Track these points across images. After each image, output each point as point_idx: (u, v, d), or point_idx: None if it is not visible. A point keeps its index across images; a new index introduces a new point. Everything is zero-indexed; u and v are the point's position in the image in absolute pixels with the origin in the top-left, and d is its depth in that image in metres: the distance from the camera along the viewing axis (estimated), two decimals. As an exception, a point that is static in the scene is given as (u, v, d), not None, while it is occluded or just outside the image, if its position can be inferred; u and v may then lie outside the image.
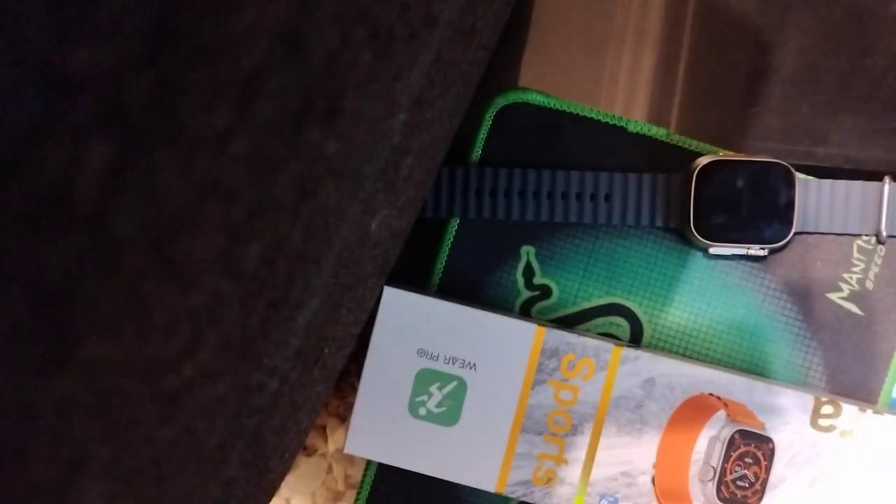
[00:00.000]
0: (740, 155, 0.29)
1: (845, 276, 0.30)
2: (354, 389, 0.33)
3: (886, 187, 0.29)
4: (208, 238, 0.18)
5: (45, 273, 0.15)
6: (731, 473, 0.28)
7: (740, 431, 0.28)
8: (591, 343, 0.28)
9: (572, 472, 0.29)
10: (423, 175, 0.25)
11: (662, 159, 0.30)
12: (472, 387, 0.29)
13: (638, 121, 0.30)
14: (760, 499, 0.28)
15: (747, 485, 0.28)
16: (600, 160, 0.30)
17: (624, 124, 0.30)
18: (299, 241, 0.20)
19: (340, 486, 0.33)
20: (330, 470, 0.33)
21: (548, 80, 0.31)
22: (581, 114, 0.30)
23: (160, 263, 0.17)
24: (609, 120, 0.30)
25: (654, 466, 0.28)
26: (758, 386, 0.28)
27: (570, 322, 0.30)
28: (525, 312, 0.30)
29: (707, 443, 0.28)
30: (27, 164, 0.14)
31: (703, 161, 0.29)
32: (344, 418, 0.34)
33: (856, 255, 0.30)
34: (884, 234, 0.29)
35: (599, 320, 0.30)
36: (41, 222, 0.15)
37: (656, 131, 0.30)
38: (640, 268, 0.30)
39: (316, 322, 0.22)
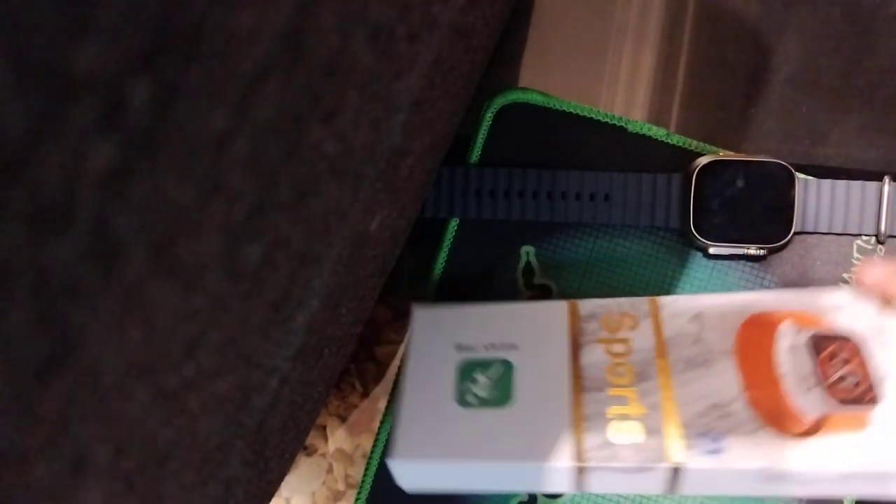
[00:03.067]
0: (740, 155, 0.29)
1: (845, 276, 0.30)
2: (355, 389, 0.33)
3: (886, 187, 0.29)
4: (209, 238, 0.18)
5: (46, 273, 0.15)
6: (830, 376, 0.25)
7: (814, 337, 0.26)
8: (625, 301, 0.28)
9: (653, 419, 0.25)
10: (423, 175, 0.25)
11: (662, 159, 0.30)
12: (519, 364, 0.27)
13: (638, 121, 0.30)
14: (876, 392, 0.25)
15: (855, 382, 0.25)
16: (600, 160, 0.30)
17: (624, 124, 0.30)
18: (300, 241, 0.20)
19: (340, 486, 0.33)
20: (330, 470, 0.33)
21: (548, 80, 0.31)
22: (581, 114, 0.30)
23: (161, 264, 0.17)
24: (609, 120, 0.30)
25: (745, 391, 0.25)
26: (805, 294, 0.26)
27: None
28: (525, 312, 0.30)
29: (787, 355, 0.26)
30: (28, 165, 0.14)
31: (702, 161, 0.29)
32: (344, 418, 0.34)
33: (855, 254, 0.30)
34: (883, 233, 0.29)
35: (599, 320, 0.30)
36: (42, 223, 0.15)
37: (656, 131, 0.30)
38: (639, 268, 0.30)
39: (317, 321, 0.22)
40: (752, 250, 0.29)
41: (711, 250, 0.29)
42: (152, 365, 0.18)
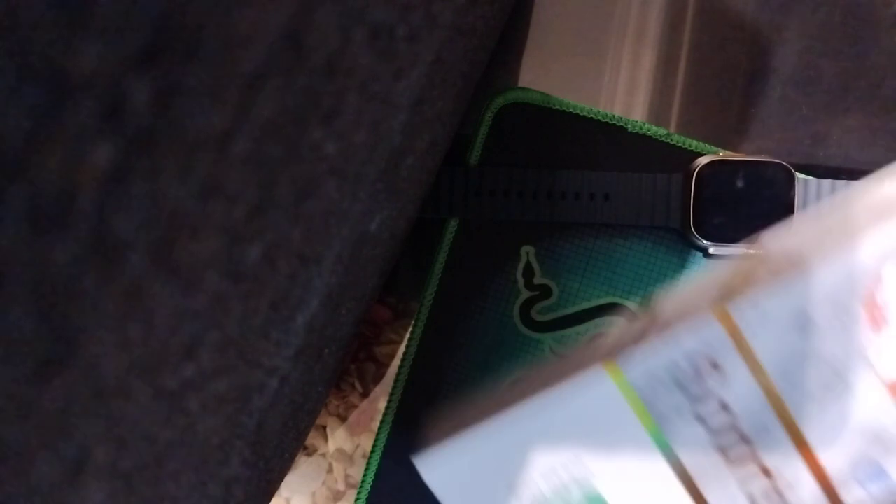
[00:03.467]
0: (740, 155, 0.29)
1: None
2: (355, 389, 0.33)
3: (886, 187, 0.29)
4: (209, 238, 0.18)
5: (46, 273, 0.15)
6: None
7: None
8: (686, 341, 0.19)
9: (802, 486, 0.19)
10: (423, 175, 0.25)
11: (662, 159, 0.30)
12: (609, 493, 0.20)
13: (638, 120, 0.30)
14: None
15: None
16: (600, 160, 0.30)
17: (624, 124, 0.30)
18: (300, 241, 0.20)
19: (341, 486, 0.33)
20: (330, 470, 0.33)
21: (548, 80, 0.31)
22: (581, 113, 0.30)
23: (161, 264, 0.17)
24: (609, 120, 0.30)
25: None
26: None
27: (570, 322, 0.30)
28: (525, 312, 0.30)
29: None
30: (28, 165, 0.14)
31: (702, 161, 0.29)
32: (344, 418, 0.34)
33: (855, 255, 0.30)
34: (883, 234, 0.29)
35: (599, 320, 0.30)
36: (42, 223, 0.15)
37: (656, 131, 0.30)
38: (640, 268, 0.30)
39: (317, 321, 0.22)
40: (753, 250, 0.29)
41: (711, 250, 0.29)
42: (152, 365, 0.18)
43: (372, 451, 0.31)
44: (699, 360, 0.19)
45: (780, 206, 0.29)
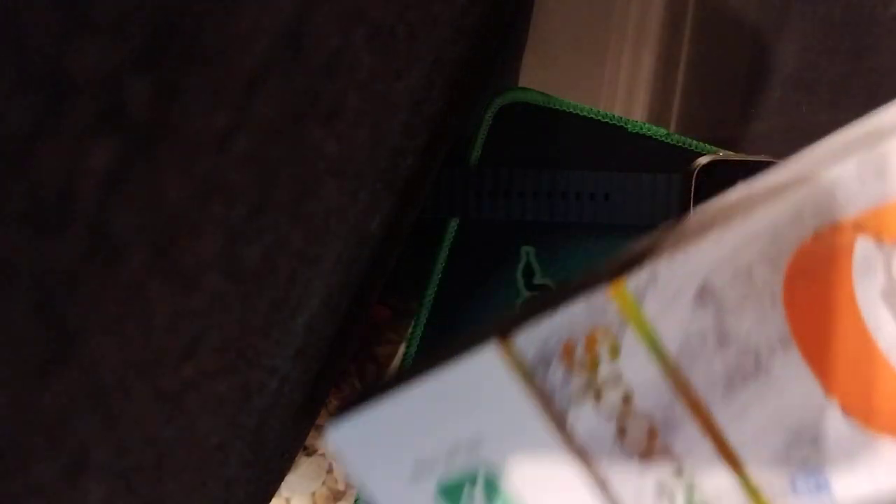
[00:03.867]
0: (740, 155, 0.29)
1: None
2: (355, 389, 0.33)
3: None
4: (209, 238, 0.18)
5: (46, 273, 0.15)
6: None
7: None
8: (578, 309, 0.18)
9: (715, 478, 0.17)
10: (423, 175, 0.25)
11: (662, 159, 0.30)
12: (500, 467, 0.19)
13: (638, 121, 0.30)
14: None
15: None
16: (600, 160, 0.30)
17: (624, 124, 0.30)
18: (300, 241, 0.20)
19: (341, 486, 0.33)
20: (330, 470, 0.33)
21: (548, 80, 0.31)
22: (581, 113, 0.30)
23: (161, 263, 0.17)
24: (609, 120, 0.30)
25: (832, 395, 0.16)
26: (880, 149, 0.15)
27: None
28: (525, 312, 0.30)
29: (877, 289, 0.16)
30: (27, 165, 0.14)
31: (702, 161, 0.29)
32: (344, 418, 0.34)
33: (855, 255, 0.30)
34: (884, 234, 0.29)
35: (599, 320, 0.30)
36: (41, 222, 0.15)
37: (656, 131, 0.30)
38: (640, 268, 0.30)
39: (316, 321, 0.22)
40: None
41: (711, 250, 0.29)
42: (152, 365, 0.18)
43: (372, 452, 0.31)
44: (592, 334, 0.18)
45: (780, 206, 0.29)
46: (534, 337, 0.19)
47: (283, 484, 0.32)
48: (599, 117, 0.30)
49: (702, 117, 0.31)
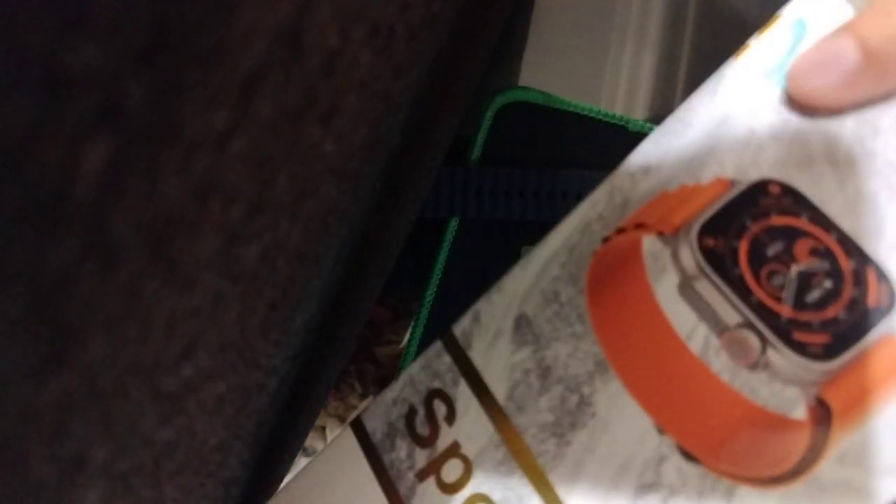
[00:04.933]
0: (741, 155, 0.29)
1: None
2: (354, 390, 0.33)
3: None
4: (208, 238, 0.18)
5: (45, 273, 0.15)
6: (788, 298, 0.14)
7: (707, 224, 0.14)
8: (415, 370, 0.18)
9: None
10: (423, 175, 0.25)
11: (663, 159, 0.30)
12: None
13: (639, 120, 0.30)
14: (885, 297, 0.14)
15: (823, 296, 0.14)
16: (601, 159, 0.30)
17: (625, 123, 0.30)
18: (299, 240, 0.20)
19: (340, 487, 0.33)
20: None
21: (548, 79, 0.31)
22: (581, 113, 0.30)
23: (160, 263, 0.17)
24: (610, 119, 0.30)
25: (662, 428, 0.15)
26: (648, 153, 0.15)
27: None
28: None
29: (673, 283, 0.15)
30: (26, 164, 0.14)
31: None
32: (343, 419, 0.33)
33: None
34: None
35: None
36: (40, 222, 0.15)
37: (657, 131, 0.30)
38: (640, 268, 0.30)
39: (315, 322, 0.22)
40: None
41: (712, 250, 0.29)
42: (150, 365, 0.18)
43: (372, 452, 0.30)
44: (429, 398, 0.17)
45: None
46: (378, 410, 0.18)
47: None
48: (600, 116, 0.30)
49: (703, 117, 0.31)
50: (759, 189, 0.14)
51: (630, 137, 0.30)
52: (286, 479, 0.32)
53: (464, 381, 0.17)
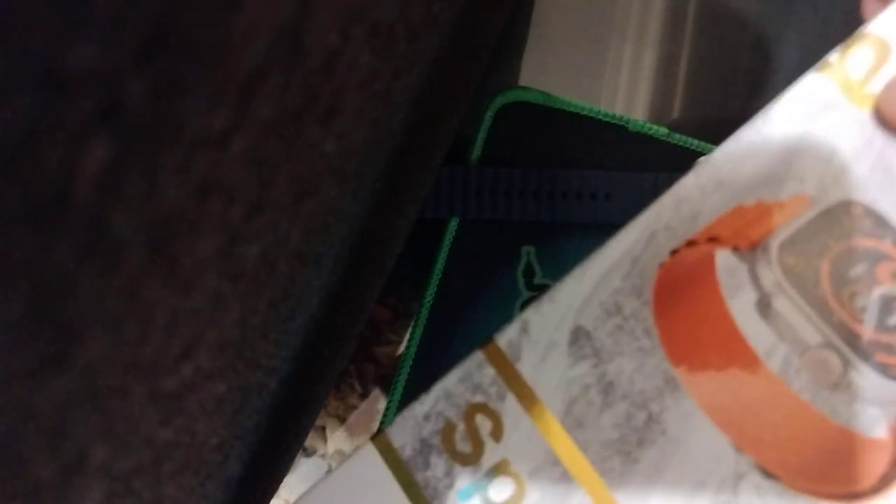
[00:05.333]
0: (741, 154, 0.29)
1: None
2: (354, 390, 0.33)
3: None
4: (208, 238, 0.18)
5: (44, 273, 0.15)
6: (870, 320, 0.14)
7: (790, 244, 0.14)
8: (450, 383, 0.17)
9: None
10: (423, 175, 0.25)
11: (663, 158, 0.30)
12: None
13: (639, 120, 0.30)
14: None
15: None
16: (601, 159, 0.30)
17: (625, 123, 0.30)
18: (299, 240, 0.20)
19: (340, 487, 0.33)
20: (329, 471, 0.33)
21: (548, 79, 0.31)
22: (581, 113, 0.30)
23: (159, 263, 0.17)
24: (609, 119, 0.30)
25: (741, 447, 0.15)
26: (720, 163, 0.15)
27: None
28: (525, 312, 0.30)
29: (750, 300, 0.15)
30: (25, 164, 0.14)
31: (704, 160, 0.29)
32: (343, 419, 0.33)
33: (857, 254, 0.30)
34: (885, 233, 0.29)
35: (600, 320, 0.30)
36: (40, 222, 0.15)
37: (657, 130, 0.30)
38: (640, 268, 0.30)
39: (316, 322, 0.22)
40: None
41: (712, 250, 0.29)
42: (150, 365, 0.18)
43: (372, 452, 0.30)
44: (470, 412, 0.16)
45: (781, 206, 0.29)
46: (406, 425, 0.17)
47: (282, 485, 0.32)
48: (600, 116, 0.30)
49: (703, 116, 0.31)
50: (842, 209, 0.14)
51: (630, 137, 0.30)
52: (285, 479, 0.32)
53: (511, 396, 0.16)
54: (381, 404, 0.33)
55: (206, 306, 0.18)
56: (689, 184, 0.15)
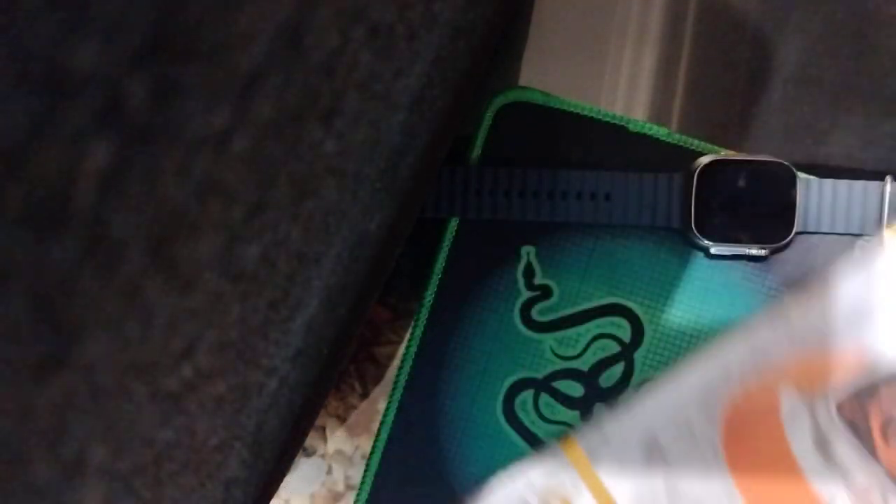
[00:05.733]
0: (741, 154, 0.29)
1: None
2: (354, 390, 0.33)
3: (888, 187, 0.29)
4: (208, 238, 0.18)
5: (45, 273, 0.15)
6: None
7: (846, 400, 0.16)
8: (533, 476, 0.20)
9: None
10: (423, 175, 0.25)
11: (663, 159, 0.30)
12: None
13: (639, 120, 0.30)
14: None
15: None
16: (601, 159, 0.30)
17: (625, 123, 0.30)
18: (299, 241, 0.20)
19: (340, 488, 0.33)
20: (329, 471, 0.33)
21: (548, 79, 0.31)
22: (581, 113, 0.30)
23: (160, 263, 0.17)
24: (609, 119, 0.30)
25: None
26: (793, 316, 0.18)
27: (571, 322, 0.30)
28: (525, 313, 0.30)
29: (809, 439, 0.16)
30: (25, 164, 0.14)
31: (704, 160, 0.29)
32: (343, 419, 0.33)
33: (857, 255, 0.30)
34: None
35: (600, 321, 0.30)
36: (41, 222, 0.15)
37: (657, 130, 0.30)
38: (640, 268, 0.30)
39: (315, 322, 0.22)
40: (754, 250, 0.29)
41: (713, 250, 0.29)
42: (150, 365, 0.18)
43: (371, 453, 0.30)
44: (545, 494, 0.18)
45: (781, 206, 0.29)
46: None
47: (282, 485, 0.32)
48: (600, 117, 0.30)
49: (703, 116, 0.31)
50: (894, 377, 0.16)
51: (630, 137, 0.30)
52: (285, 479, 0.32)
53: (589, 494, 0.18)
54: (381, 404, 0.33)
55: (206, 306, 0.18)
56: (763, 330, 0.18)
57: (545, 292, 0.30)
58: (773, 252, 0.30)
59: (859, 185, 0.29)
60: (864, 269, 0.17)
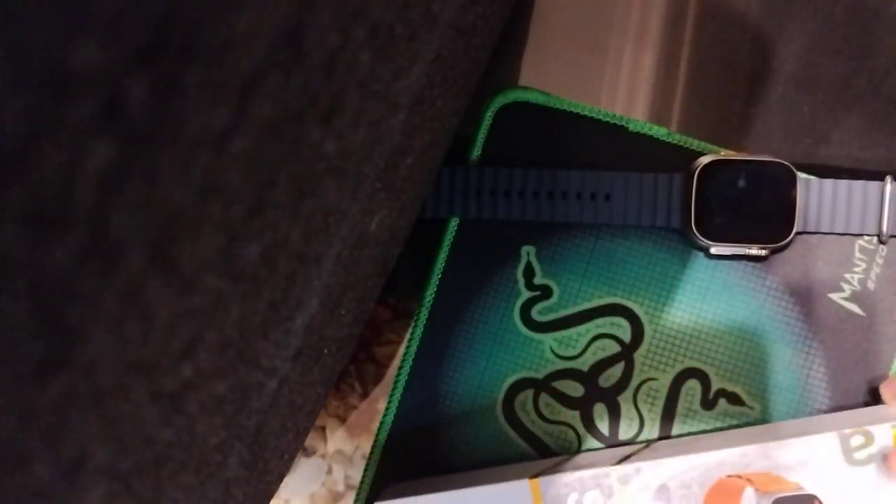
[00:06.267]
0: (741, 154, 0.29)
1: (847, 276, 0.30)
2: (354, 390, 0.33)
3: (888, 187, 0.29)
4: (208, 238, 0.18)
5: (45, 273, 0.15)
6: None
7: (777, 500, 0.26)
8: (588, 474, 0.27)
9: None
10: (423, 175, 0.25)
11: (663, 159, 0.30)
12: None
13: (639, 120, 0.30)
14: None
15: None
16: (601, 159, 0.30)
17: (625, 123, 0.30)
18: (299, 241, 0.20)
19: (340, 488, 0.33)
20: (329, 471, 0.33)
21: (548, 79, 0.31)
22: (581, 113, 0.30)
23: (160, 263, 0.17)
24: (610, 119, 0.30)
25: None
26: (772, 448, 0.27)
27: (571, 322, 0.30)
28: (526, 312, 0.30)
29: None
30: (26, 164, 0.14)
31: (704, 160, 0.29)
32: (343, 419, 0.33)
33: (857, 255, 0.30)
34: (885, 234, 0.29)
35: (600, 320, 0.30)
36: (40, 222, 0.15)
37: (657, 130, 0.30)
38: (641, 268, 0.30)
39: (316, 322, 0.22)
40: (754, 250, 0.29)
41: (713, 250, 0.29)
42: (151, 365, 0.18)
43: (371, 453, 0.30)
44: (590, 489, 0.26)
45: (781, 206, 0.29)
46: (554, 483, 0.26)
47: (282, 485, 0.32)
48: (600, 117, 0.30)
49: (703, 116, 0.31)
50: (811, 498, 0.26)
51: (630, 137, 0.30)
52: (285, 479, 0.32)
53: (617, 495, 0.27)
54: (381, 404, 0.33)
55: (206, 306, 0.18)
56: (750, 449, 0.27)
57: (545, 292, 0.30)
58: (773, 252, 0.30)
59: (859, 185, 0.29)
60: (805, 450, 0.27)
